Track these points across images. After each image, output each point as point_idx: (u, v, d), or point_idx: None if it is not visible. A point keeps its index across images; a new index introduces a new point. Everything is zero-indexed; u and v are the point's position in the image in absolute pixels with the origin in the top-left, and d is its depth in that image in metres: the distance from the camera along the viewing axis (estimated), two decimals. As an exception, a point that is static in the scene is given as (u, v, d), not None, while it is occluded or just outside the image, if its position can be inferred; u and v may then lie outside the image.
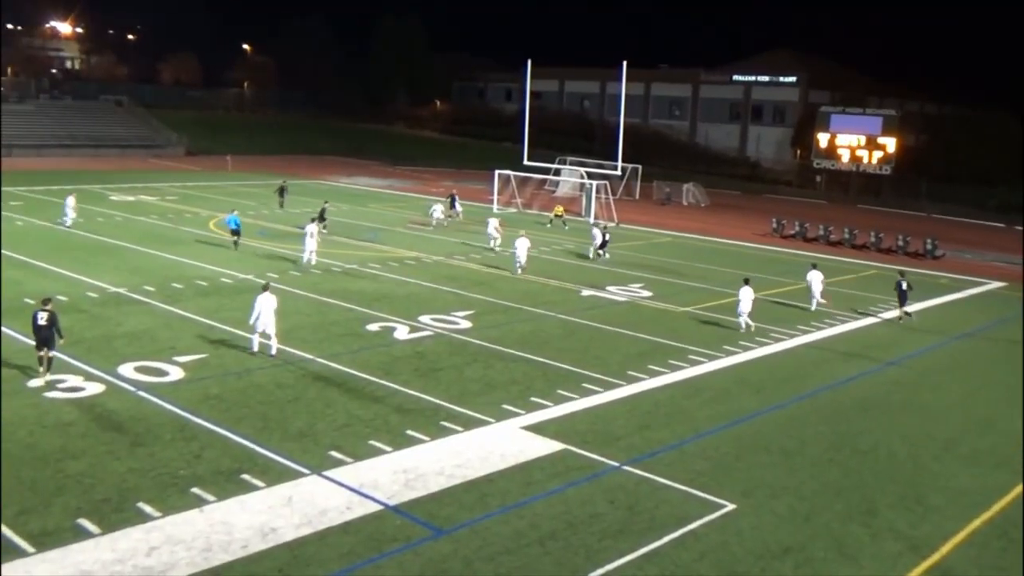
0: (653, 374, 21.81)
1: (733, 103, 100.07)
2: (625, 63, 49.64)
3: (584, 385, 20.61)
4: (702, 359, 23.33)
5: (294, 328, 24.19)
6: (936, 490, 15.94)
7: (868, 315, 29.97)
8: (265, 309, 21.30)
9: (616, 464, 16.21)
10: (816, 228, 49.15)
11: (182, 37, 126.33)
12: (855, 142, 76.59)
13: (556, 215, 49.18)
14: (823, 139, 78.14)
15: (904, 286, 28.91)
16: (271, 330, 21.48)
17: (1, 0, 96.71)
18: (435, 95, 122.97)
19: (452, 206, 49.00)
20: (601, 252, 38.61)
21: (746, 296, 26.25)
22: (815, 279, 30.00)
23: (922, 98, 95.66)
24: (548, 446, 16.88)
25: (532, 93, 57.74)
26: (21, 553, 12.19)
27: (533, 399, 19.44)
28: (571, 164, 63.33)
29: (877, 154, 75.53)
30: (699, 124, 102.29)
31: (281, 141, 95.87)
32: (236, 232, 36.93)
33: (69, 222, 40.04)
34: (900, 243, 46.12)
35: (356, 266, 33.72)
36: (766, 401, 20.43)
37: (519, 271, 33.77)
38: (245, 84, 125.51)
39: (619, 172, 53.63)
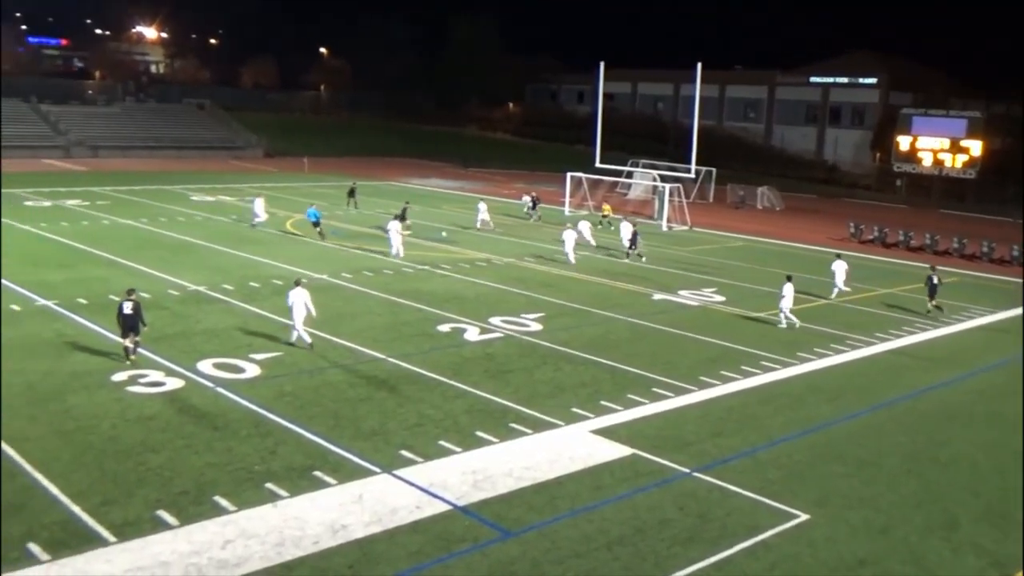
0: (725, 380, 21.52)
1: (810, 105, 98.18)
2: (700, 64, 49.11)
3: (654, 389, 20.44)
4: (776, 365, 22.93)
5: (366, 328, 24.52)
6: (1021, 505, 15.37)
7: (950, 323, 29.11)
8: (297, 302, 22.31)
9: (686, 470, 16.03)
10: (896, 233, 47.92)
11: (262, 41, 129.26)
12: (938, 145, 74.45)
13: (604, 215, 48.78)
14: (904, 142, 76.16)
15: (935, 280, 29.91)
16: (300, 322, 22.42)
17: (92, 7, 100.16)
18: (507, 97, 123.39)
19: (534, 207, 49.56)
20: (630, 251, 38.11)
21: (788, 293, 26.75)
22: (839, 268, 31.92)
23: (1008, 99, 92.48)
24: (617, 450, 16.78)
25: (605, 95, 57.47)
26: (103, 542, 12.58)
27: (602, 402, 19.35)
28: (644, 166, 62.92)
29: (961, 157, 73.30)
30: (775, 126, 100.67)
31: (355, 143, 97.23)
32: (317, 224, 39.47)
33: (255, 222, 41.83)
34: (984, 249, 44.69)
35: (428, 267, 34.02)
36: (842, 409, 19.99)
37: (572, 260, 36.41)
38: (321, 87, 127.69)
39: (692, 175, 53.05)
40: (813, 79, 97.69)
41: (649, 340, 25.00)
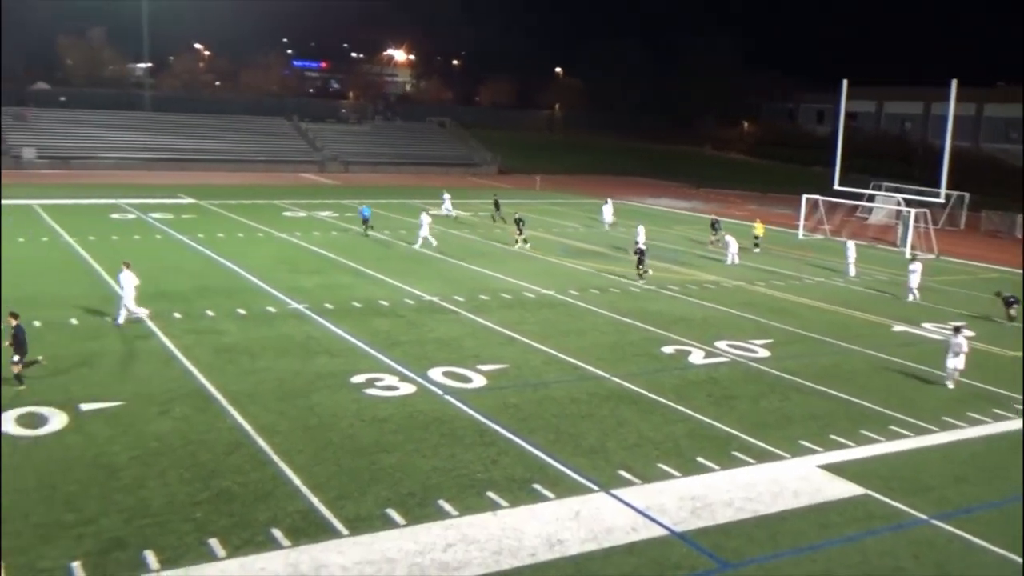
0: (973, 422, 19.89)
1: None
2: (955, 81, 45.88)
3: (891, 427, 19.22)
4: (1033, 410, 20.94)
5: (591, 345, 24.70)
6: None
7: None
8: (127, 284, 24.34)
9: (924, 517, 14.95)
10: None
11: (501, 62, 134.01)
12: None
13: (755, 237, 44.86)
14: None
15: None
16: (130, 300, 24.41)
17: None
18: (743, 116, 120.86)
19: (714, 230, 46.60)
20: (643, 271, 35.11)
21: (959, 344, 22.38)
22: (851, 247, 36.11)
23: None
24: (847, 489, 15.92)
25: (847, 114, 54.93)
26: (337, 534, 13.40)
27: (833, 437, 18.43)
28: (887, 190, 59.54)
29: None
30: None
31: (587, 161, 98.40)
32: (366, 222, 43.93)
33: (730, 260, 40.82)
34: None
35: (655, 287, 33.81)
36: (1111, 465, 17.92)
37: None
38: (556, 106, 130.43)
39: (942, 200, 49.58)
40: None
41: (887, 374, 23.55)
